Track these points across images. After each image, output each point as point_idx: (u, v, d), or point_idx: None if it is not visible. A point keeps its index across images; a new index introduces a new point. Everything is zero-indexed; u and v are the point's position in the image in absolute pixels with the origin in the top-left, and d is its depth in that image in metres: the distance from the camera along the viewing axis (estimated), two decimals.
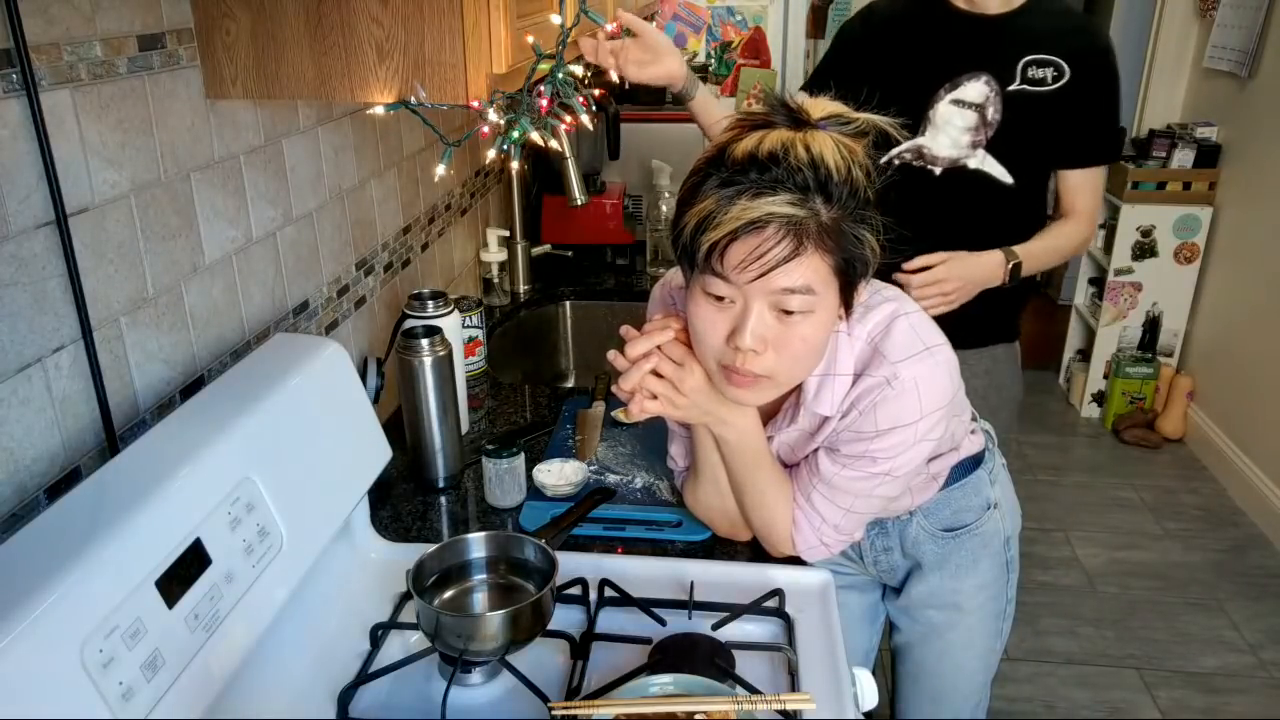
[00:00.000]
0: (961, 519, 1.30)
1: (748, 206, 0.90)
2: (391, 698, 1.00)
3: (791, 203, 0.91)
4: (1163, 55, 3.78)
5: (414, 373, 1.31)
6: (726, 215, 0.91)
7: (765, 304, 0.95)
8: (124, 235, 0.94)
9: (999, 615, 1.40)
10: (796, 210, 0.91)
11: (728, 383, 1.01)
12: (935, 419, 1.04)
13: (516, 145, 1.04)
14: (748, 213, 0.90)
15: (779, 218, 0.90)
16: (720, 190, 0.92)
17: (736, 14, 3.33)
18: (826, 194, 0.92)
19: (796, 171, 0.91)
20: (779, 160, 0.91)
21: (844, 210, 0.93)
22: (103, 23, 0.89)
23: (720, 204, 0.92)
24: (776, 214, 0.90)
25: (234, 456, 0.91)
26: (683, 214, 0.97)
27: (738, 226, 0.91)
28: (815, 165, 0.91)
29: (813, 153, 0.92)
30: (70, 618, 0.69)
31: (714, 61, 3.10)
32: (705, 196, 0.93)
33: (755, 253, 0.91)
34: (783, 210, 0.90)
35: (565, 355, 2.27)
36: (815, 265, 0.93)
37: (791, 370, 1.01)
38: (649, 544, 1.24)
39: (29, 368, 0.83)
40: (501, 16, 0.98)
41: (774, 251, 0.91)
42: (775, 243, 0.91)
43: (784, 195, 0.90)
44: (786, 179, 0.91)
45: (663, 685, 0.92)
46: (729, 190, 0.92)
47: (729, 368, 0.99)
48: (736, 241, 0.92)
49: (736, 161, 0.93)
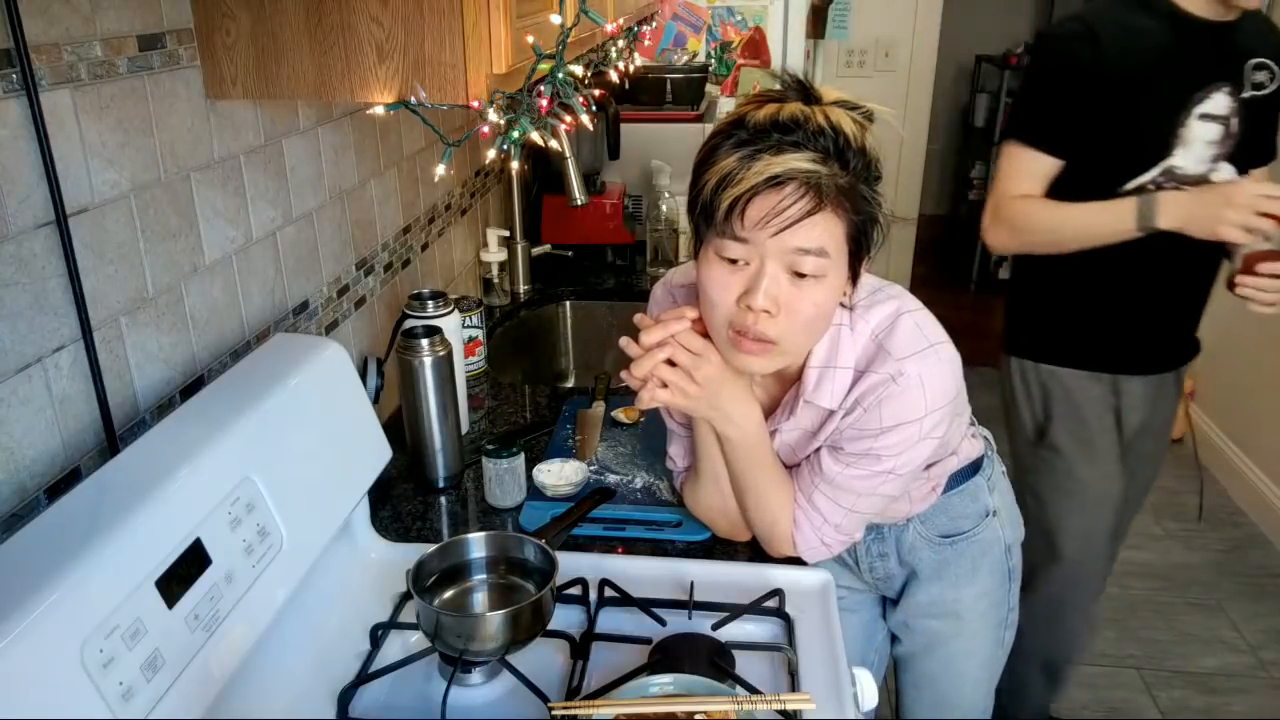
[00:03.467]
0: (959, 525, 1.30)
1: (770, 162, 0.94)
2: (391, 698, 1.00)
3: (812, 159, 0.94)
4: None
5: (414, 373, 1.31)
6: (749, 171, 0.94)
7: (779, 265, 0.97)
8: (124, 235, 0.94)
9: (1000, 624, 1.40)
10: (817, 167, 0.94)
11: (737, 349, 1.01)
12: (939, 416, 1.04)
13: (516, 145, 1.04)
14: (770, 168, 0.94)
15: (800, 174, 0.94)
16: (740, 150, 0.96)
17: (736, 14, 3.33)
18: (844, 160, 0.96)
19: (816, 136, 0.95)
20: (799, 125, 0.95)
21: (859, 177, 0.97)
22: (103, 23, 0.89)
23: (741, 162, 0.95)
24: (798, 169, 0.93)
25: (234, 456, 0.91)
26: (701, 174, 1.00)
27: (759, 182, 0.94)
28: (835, 131, 0.95)
29: (831, 120, 0.95)
30: (70, 618, 0.69)
31: (714, 61, 3.10)
32: (726, 156, 0.97)
33: (776, 208, 0.94)
34: (804, 166, 0.94)
35: (565, 355, 2.27)
36: (831, 227, 0.96)
37: (799, 337, 1.01)
38: (649, 544, 1.24)
39: (29, 368, 0.83)
40: (501, 16, 0.98)
41: (794, 208, 0.94)
42: (795, 200, 0.94)
43: (805, 153, 0.94)
44: (806, 141, 0.94)
45: (663, 685, 0.92)
46: (749, 149, 0.95)
47: (739, 332, 1.00)
48: (758, 197, 0.94)
49: (757, 125, 0.96)
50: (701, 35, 3.37)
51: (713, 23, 3.35)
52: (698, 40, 3.37)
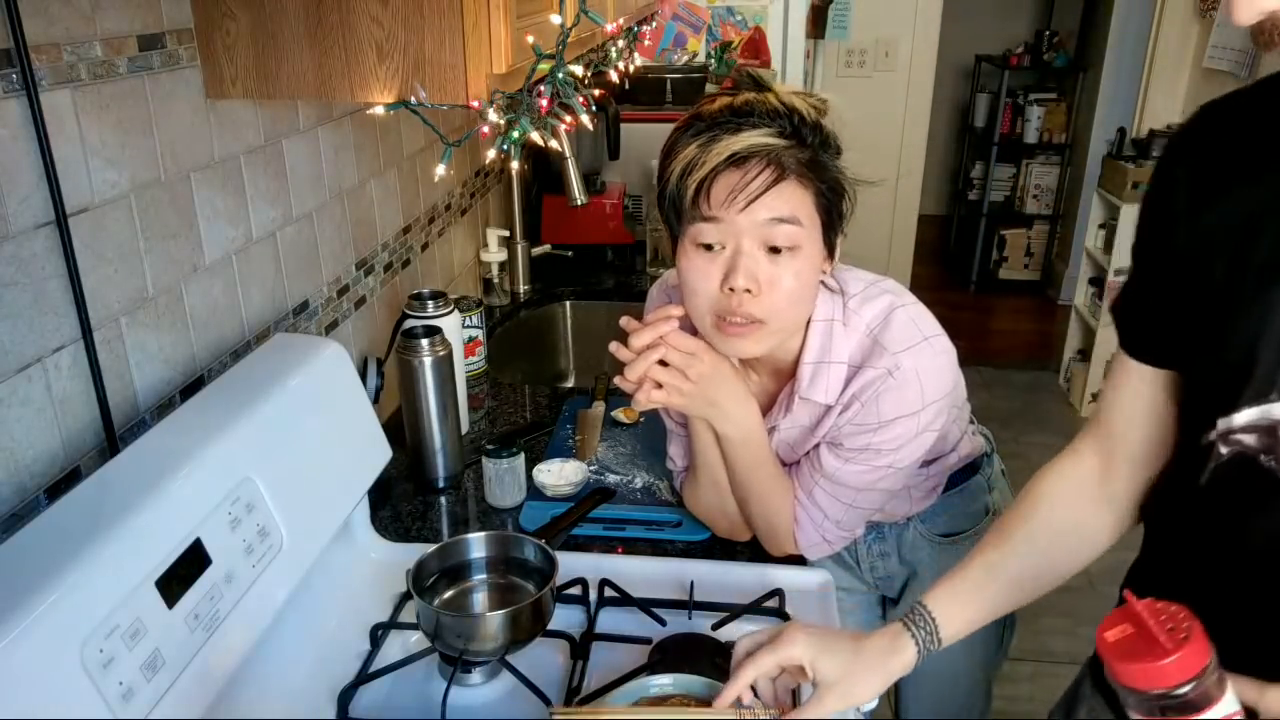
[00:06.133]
0: (959, 525, 1.30)
1: (729, 142, 0.97)
2: (391, 698, 1.00)
3: (770, 134, 0.97)
4: (1163, 55, 3.78)
5: (414, 373, 1.31)
6: (709, 153, 0.97)
7: (755, 242, 0.98)
8: (124, 235, 0.94)
9: (1000, 622, 1.39)
10: (776, 140, 0.97)
11: (725, 333, 1.02)
12: (937, 409, 1.05)
13: (516, 145, 1.04)
14: (730, 146, 0.97)
15: (760, 149, 0.96)
16: (699, 137, 0.99)
17: (736, 14, 3.33)
18: (800, 135, 0.99)
19: (771, 116, 0.98)
20: (754, 109, 0.98)
21: (818, 150, 1.00)
22: (103, 23, 0.89)
23: (701, 147, 0.98)
24: (758, 144, 0.96)
25: (234, 456, 0.91)
26: (666, 168, 1.02)
27: (720, 162, 0.97)
28: (789, 110, 0.98)
29: (784, 100, 0.99)
30: (70, 618, 0.69)
31: (714, 61, 3.10)
32: (686, 145, 1.00)
33: (741, 183, 0.96)
34: (763, 141, 0.97)
35: (565, 355, 2.27)
36: (799, 196, 0.98)
37: (785, 313, 1.02)
38: (649, 544, 1.24)
39: (29, 368, 0.83)
40: (501, 16, 0.98)
41: (758, 180, 0.96)
42: (758, 172, 0.97)
43: (763, 130, 0.97)
44: (763, 121, 0.98)
45: (663, 685, 0.92)
46: (708, 134, 0.98)
47: (724, 317, 1.00)
48: (721, 176, 0.97)
49: (713, 114, 0.99)
50: (701, 35, 3.37)
51: (713, 23, 3.35)
52: (698, 40, 3.36)
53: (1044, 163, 5.02)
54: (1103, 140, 4.26)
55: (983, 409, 1.01)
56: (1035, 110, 4.91)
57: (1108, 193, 3.67)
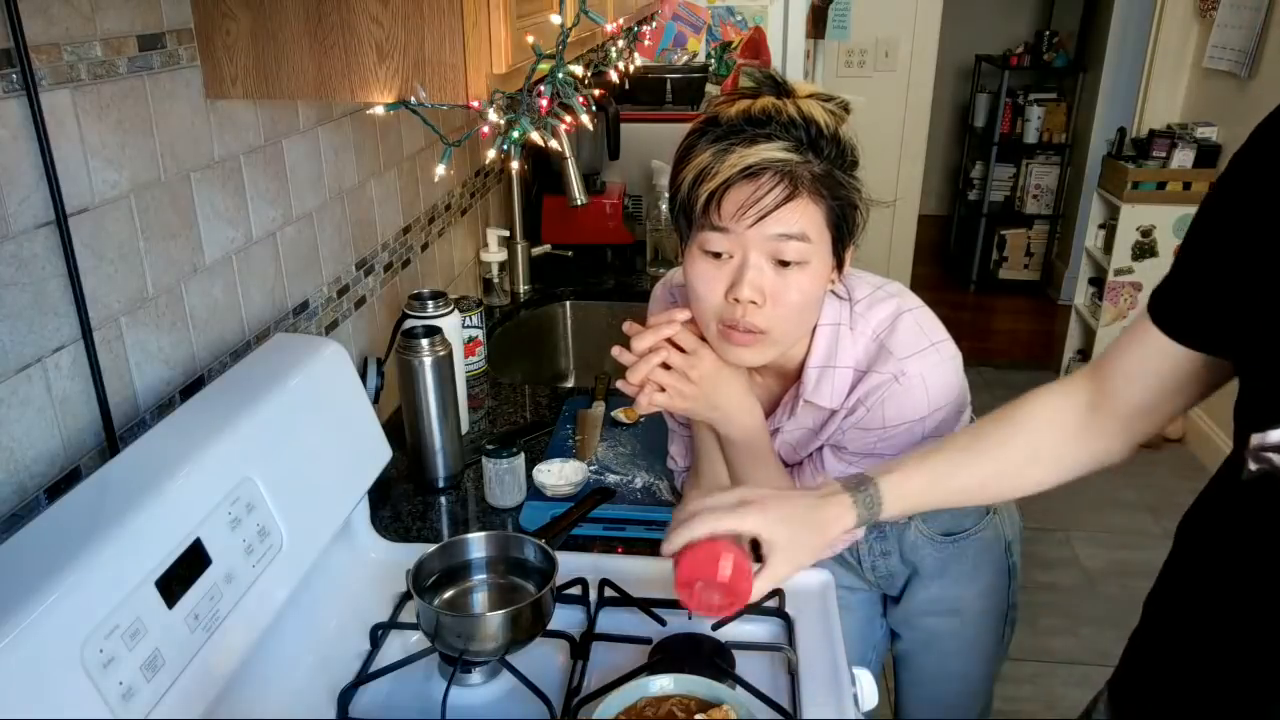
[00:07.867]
0: (960, 524, 1.30)
1: (744, 154, 0.95)
2: (391, 698, 1.00)
3: (785, 149, 0.96)
4: (1163, 55, 3.78)
5: (414, 373, 1.31)
6: (723, 164, 0.96)
7: (762, 254, 0.98)
8: (124, 235, 0.94)
9: (1000, 621, 1.40)
10: (790, 155, 0.95)
11: (728, 341, 1.02)
12: (943, 414, 1.05)
13: (516, 145, 1.04)
14: (744, 159, 0.95)
15: (773, 163, 0.95)
16: (715, 145, 0.98)
17: (736, 14, 3.33)
18: (817, 148, 0.97)
19: (788, 127, 0.96)
20: (771, 118, 0.97)
21: (834, 164, 0.98)
22: (103, 23, 0.89)
23: (716, 156, 0.97)
24: (771, 159, 0.95)
25: (234, 456, 0.91)
26: (679, 172, 1.02)
27: (733, 174, 0.95)
28: (807, 121, 0.97)
29: (803, 111, 0.97)
30: (70, 618, 0.69)
31: (714, 61, 3.10)
32: (701, 152, 0.99)
33: (752, 198, 0.95)
34: (777, 155, 0.95)
35: (565, 355, 2.27)
36: (810, 212, 0.97)
37: (788, 326, 1.02)
38: (649, 544, 1.24)
39: (29, 368, 0.83)
40: (501, 16, 0.98)
41: (769, 196, 0.95)
42: (770, 188, 0.95)
43: (778, 143, 0.96)
44: (779, 133, 0.96)
45: (663, 685, 0.92)
46: (723, 144, 0.97)
47: (728, 325, 1.00)
48: (733, 189, 0.96)
49: (730, 120, 0.98)
50: (701, 35, 3.37)
51: (713, 23, 3.35)
52: (698, 40, 3.36)
53: (1044, 163, 5.02)
54: (1103, 140, 4.26)
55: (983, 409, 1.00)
56: (1035, 110, 4.91)
57: (1108, 193, 3.67)
